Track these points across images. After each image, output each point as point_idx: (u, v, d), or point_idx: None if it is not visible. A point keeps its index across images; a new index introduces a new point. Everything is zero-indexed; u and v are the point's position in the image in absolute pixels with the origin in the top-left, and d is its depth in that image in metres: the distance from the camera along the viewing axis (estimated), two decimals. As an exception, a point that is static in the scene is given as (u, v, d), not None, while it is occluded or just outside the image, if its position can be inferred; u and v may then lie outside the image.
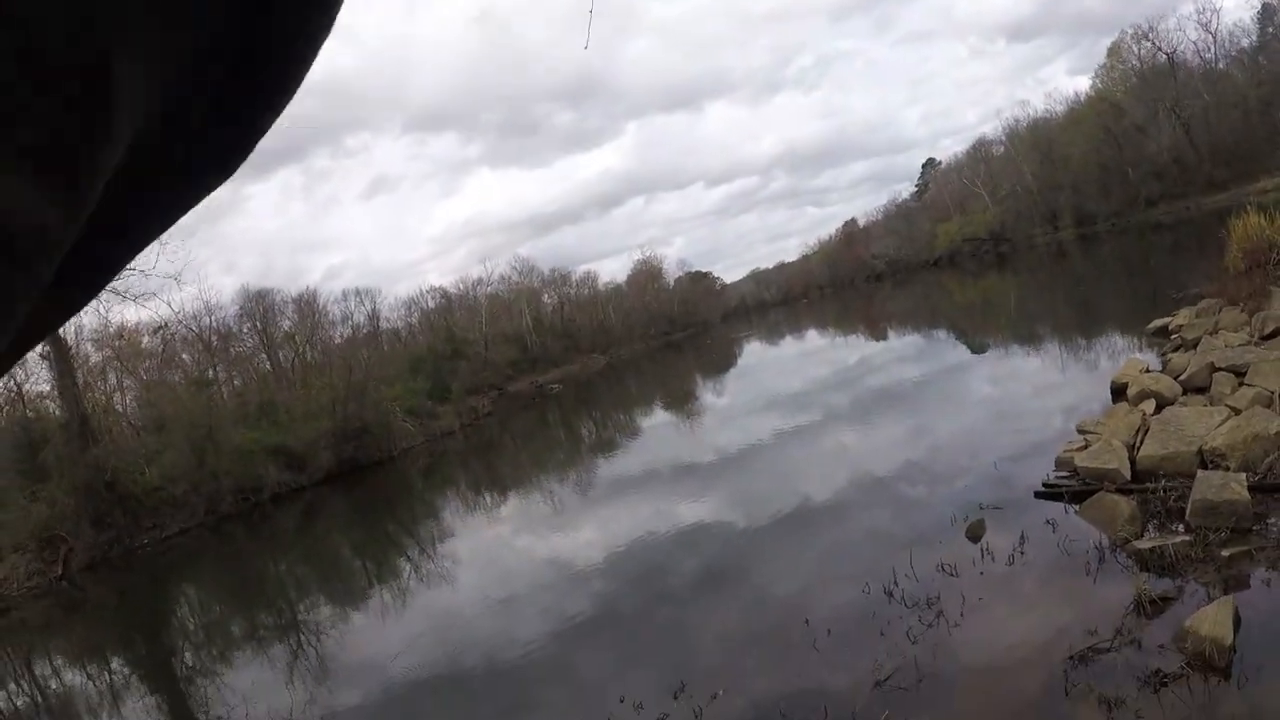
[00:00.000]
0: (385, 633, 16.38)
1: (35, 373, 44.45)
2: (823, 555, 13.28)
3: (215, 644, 20.00)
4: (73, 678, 19.30)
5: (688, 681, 9.65)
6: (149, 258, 41.57)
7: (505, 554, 19.90)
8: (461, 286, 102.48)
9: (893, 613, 10.07)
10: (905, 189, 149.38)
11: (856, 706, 8.21)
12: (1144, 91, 78.41)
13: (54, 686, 18.95)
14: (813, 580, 12.33)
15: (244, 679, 15.51)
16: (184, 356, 57.23)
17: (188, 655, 19.74)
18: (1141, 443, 12.48)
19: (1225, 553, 8.89)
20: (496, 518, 26.68)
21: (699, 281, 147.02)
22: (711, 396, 45.39)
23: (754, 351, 70.47)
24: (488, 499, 31.40)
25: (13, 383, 44.36)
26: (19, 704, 18.18)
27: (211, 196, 0.48)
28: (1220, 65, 76.37)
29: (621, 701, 9.57)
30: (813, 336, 68.33)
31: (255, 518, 38.05)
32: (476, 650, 13.43)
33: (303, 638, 17.99)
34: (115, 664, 19.66)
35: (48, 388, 44.39)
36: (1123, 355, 21.20)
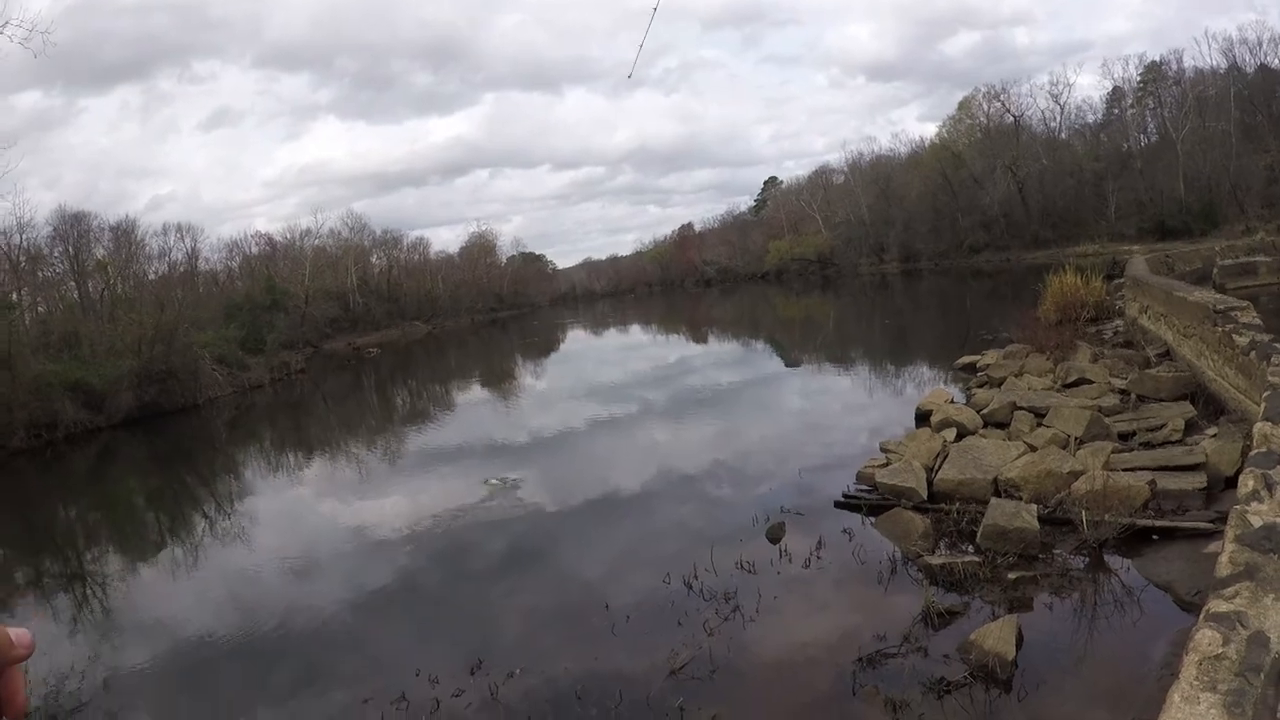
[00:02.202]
0: (177, 590, 15.74)
1: None
2: (626, 544, 13.54)
3: (-12, 594, 18.91)
4: None
5: (485, 659, 9.65)
6: (-39, 164, 38.82)
7: (306, 518, 19.43)
8: (289, 236, 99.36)
9: (691, 605, 10.33)
10: (745, 202, 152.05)
11: (651, 692, 8.40)
12: (986, 147, 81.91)
13: None
14: (615, 567, 12.55)
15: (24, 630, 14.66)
16: None
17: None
18: (940, 466, 13.16)
19: (1012, 575, 9.49)
20: (300, 479, 26.05)
21: (532, 263, 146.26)
22: (531, 379, 45.34)
23: (578, 339, 70.69)
24: (292, 459, 30.60)
25: None
26: None
27: (43, 105, 0.52)
28: (1062, 135, 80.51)
29: (417, 674, 9.51)
30: (637, 331, 69.02)
31: (48, 456, 35.98)
32: (271, 615, 13.05)
33: (89, 590, 17.12)
34: None
35: None
36: (930, 385, 22.28)
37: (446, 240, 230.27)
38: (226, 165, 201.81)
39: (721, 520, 13.59)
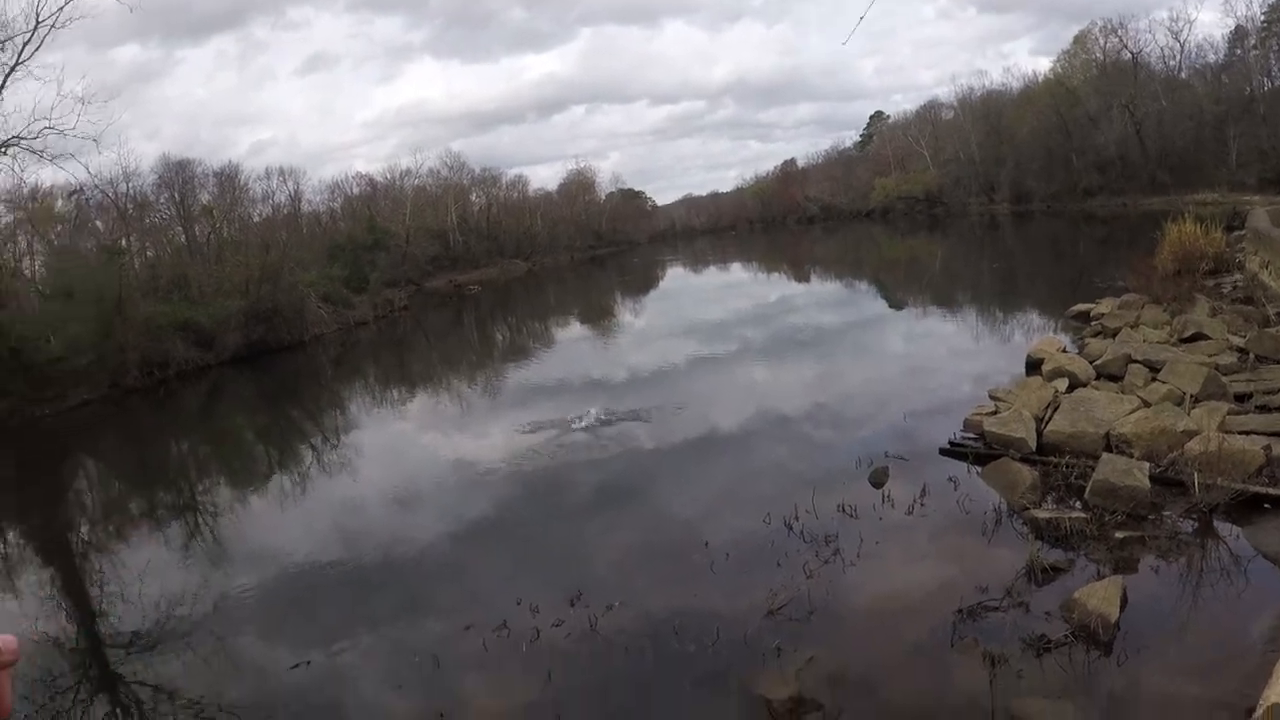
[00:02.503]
0: (284, 520, 16.26)
1: None
2: (726, 483, 13.47)
3: (112, 519, 19.57)
4: None
5: (584, 591, 9.76)
6: (69, 117, 39.94)
7: (408, 451, 19.77)
8: (389, 176, 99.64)
9: (791, 546, 10.31)
10: (849, 137, 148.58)
11: (748, 632, 8.42)
12: (1102, 84, 78.14)
13: None
14: (714, 506, 12.52)
15: (140, 557, 15.13)
16: (98, 224, 54.88)
17: (84, 529, 19.30)
18: (1050, 417, 12.80)
19: (1119, 535, 9.22)
20: (402, 414, 26.55)
21: (631, 200, 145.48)
22: (630, 316, 45.41)
23: (677, 276, 70.54)
24: (395, 394, 31.20)
25: None
26: None
27: (141, 58, 0.51)
28: (1182, 75, 76.75)
29: (518, 604, 9.67)
30: (737, 269, 68.65)
31: (160, 393, 37.23)
32: (374, 544, 13.40)
33: (201, 519, 17.71)
34: (9, 535, 19.09)
35: None
36: (1040, 333, 21.68)
37: (545, 178, 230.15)
38: (324, 109, 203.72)
39: (823, 462, 13.52)
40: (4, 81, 38.82)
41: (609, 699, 7.98)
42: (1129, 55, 78.38)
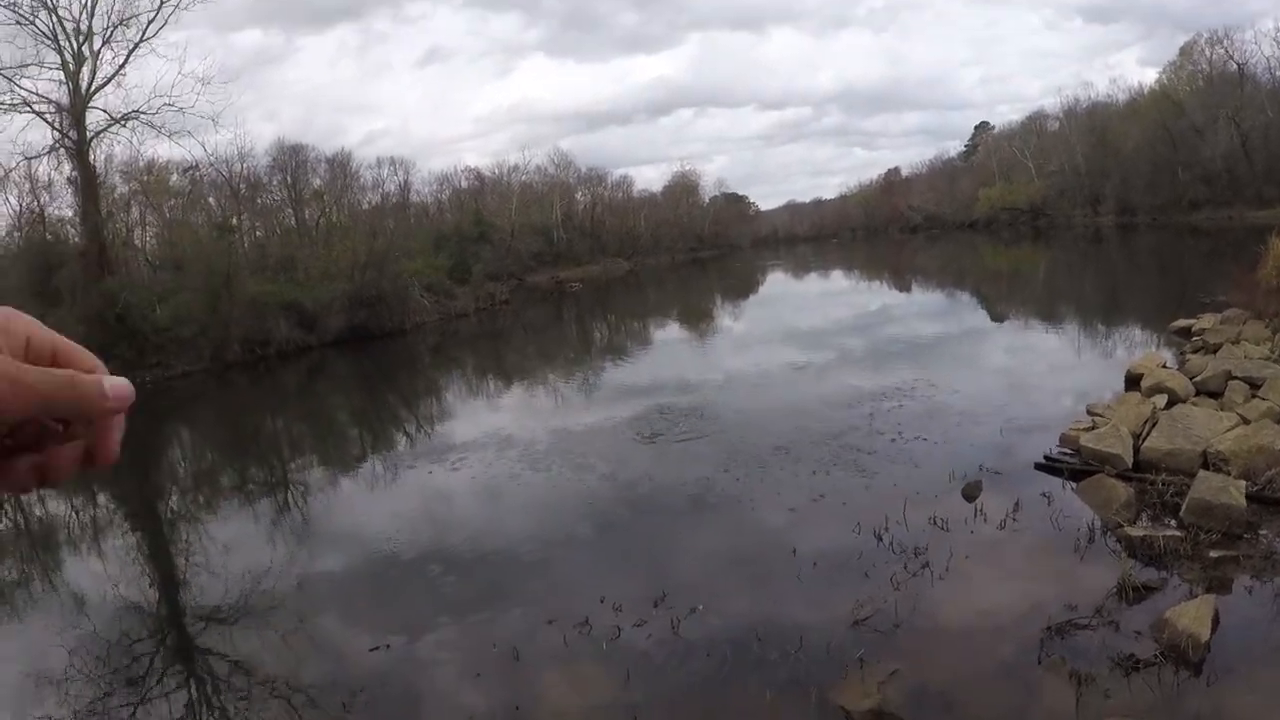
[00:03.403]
0: (373, 502, 16.58)
1: (60, 196, 44.18)
2: (816, 490, 13.34)
3: (203, 491, 20.16)
4: (57, 507, 19.07)
5: (668, 593, 9.75)
6: (188, 95, 41.26)
7: (501, 442, 19.93)
8: (496, 171, 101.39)
9: (879, 557, 10.21)
10: (954, 147, 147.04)
11: (832, 641, 8.36)
12: (1209, 96, 76.39)
13: (37, 513, 18.79)
14: (803, 513, 12.44)
15: (227, 530, 15.62)
16: (210, 200, 56.64)
17: (174, 498, 19.95)
18: (1148, 434, 12.54)
19: (1214, 554, 9.00)
20: (497, 405, 26.86)
21: (734, 204, 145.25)
22: (728, 320, 45.37)
23: (778, 282, 70.28)
24: (491, 385, 31.59)
25: (36, 203, 44.27)
26: None
27: (263, 43, 0.57)
28: (1289, 86, 74.72)
29: (601, 602, 9.72)
30: (838, 276, 68.12)
31: (260, 370, 38.24)
32: (461, 533, 13.59)
33: (290, 497, 18.11)
34: (101, 499, 19.60)
35: (70, 213, 44.15)
36: (1141, 348, 21.22)
37: (650, 179, 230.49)
38: (437, 102, 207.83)
39: (916, 474, 13.30)
40: (128, 57, 40.35)
41: (687, 703, 7.97)
42: (1235, 66, 76.39)
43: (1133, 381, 16.37)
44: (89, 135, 40.16)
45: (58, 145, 40.35)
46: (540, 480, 15.72)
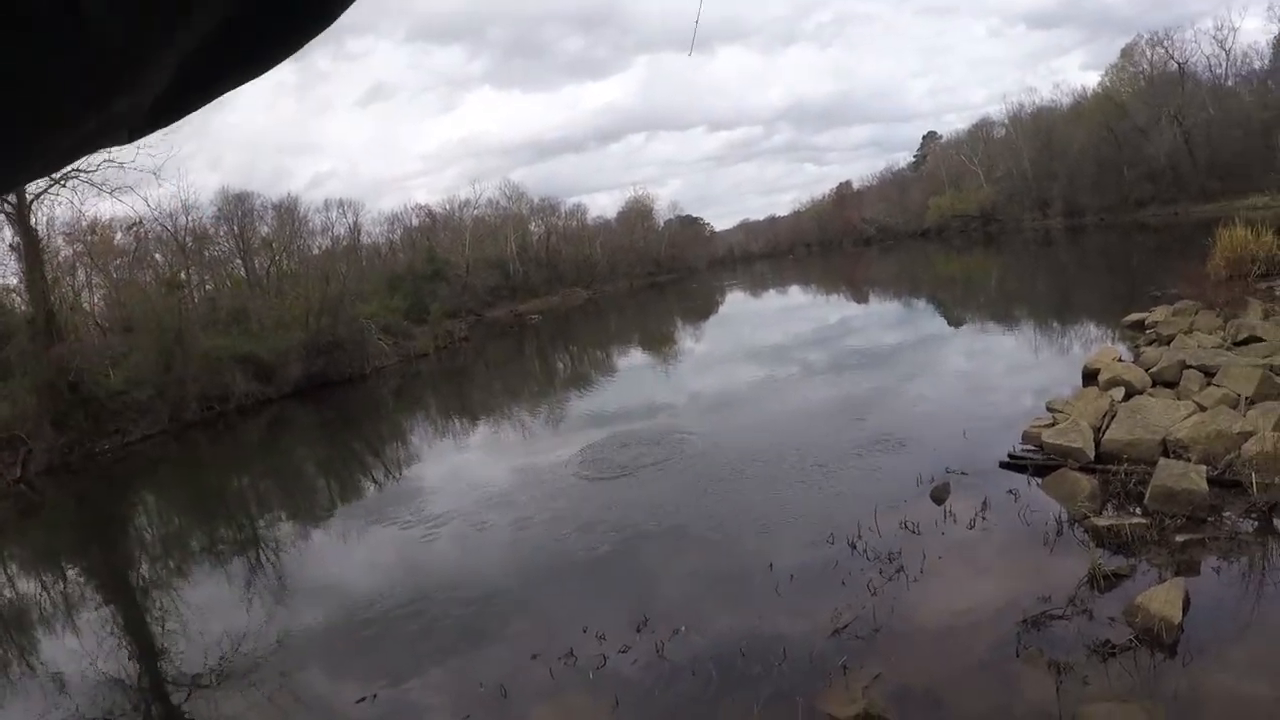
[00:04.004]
0: (347, 554, 16.48)
1: (3, 263, 43.38)
2: (790, 504, 13.50)
3: (173, 556, 19.77)
4: (26, 585, 19.01)
5: (650, 617, 9.85)
6: (128, 150, 40.67)
7: (470, 482, 19.89)
8: (448, 207, 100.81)
9: (855, 565, 10.37)
10: (903, 158, 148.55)
11: (814, 652, 8.48)
12: (1151, 96, 77.66)
13: (5, 594, 18.57)
14: (778, 528, 12.55)
15: (201, 594, 15.39)
16: (157, 256, 55.26)
17: (144, 566, 19.56)
18: (1108, 426, 12.80)
19: (1179, 538, 9.22)
20: (465, 445, 26.76)
21: (689, 226, 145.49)
22: (690, 342, 45.50)
23: (737, 301, 70.56)
24: (457, 425, 31.45)
25: None
26: None
27: None
28: (1229, 83, 76.03)
29: (584, 632, 9.78)
30: (796, 292, 68.55)
31: (220, 427, 37.69)
32: (438, 577, 13.59)
33: (263, 554, 17.90)
34: (70, 572, 19.23)
35: (15, 280, 43.07)
36: (1097, 344, 21.58)
37: (604, 205, 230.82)
38: (384, 140, 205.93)
39: (885, 480, 13.47)
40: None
41: (675, 723, 8.07)
42: (1175, 66, 78.07)
43: (1090, 376, 16.70)
44: (28, 198, 39.50)
45: (-4, 211, 39.73)
46: (512, 518, 15.66)
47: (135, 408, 35.85)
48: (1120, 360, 17.19)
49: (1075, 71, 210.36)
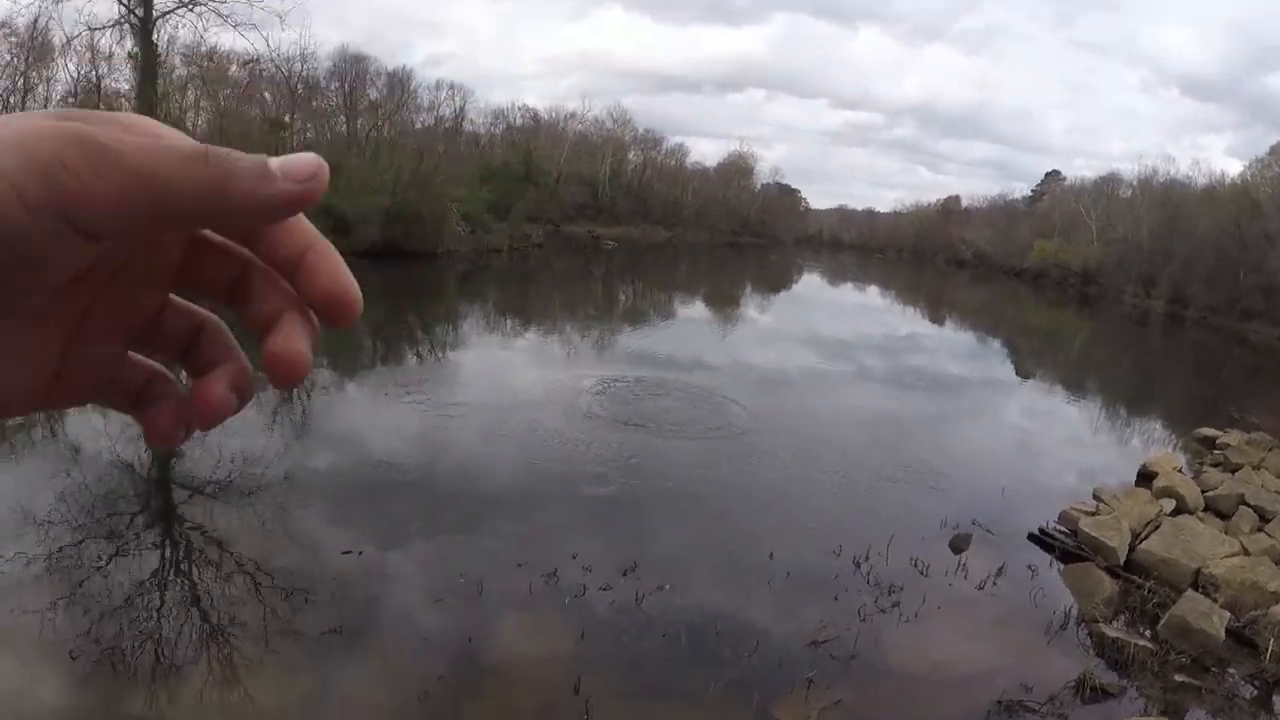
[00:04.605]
0: (372, 415, 16.69)
1: (119, 70, 44.07)
2: (808, 503, 13.37)
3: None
4: None
5: (640, 565, 9.87)
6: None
7: (505, 382, 20.02)
8: (553, 115, 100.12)
9: (853, 584, 10.22)
10: (1020, 189, 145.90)
11: (786, 655, 8.42)
12: (1289, 204, 75.33)
13: None
14: (790, 521, 12.45)
15: None
16: (266, 95, 55.56)
17: (181, 369, 19.97)
18: (1147, 536, 12.47)
19: (1179, 677, 8.88)
20: (509, 345, 27.01)
21: (785, 195, 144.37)
22: (755, 311, 45.26)
23: (812, 284, 70.09)
24: (508, 324, 31.73)
25: (94, 74, 44.08)
26: None
27: None
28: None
29: (573, 558, 9.87)
30: (874, 293, 67.82)
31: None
32: (451, 460, 13.84)
33: (295, 392, 18.16)
34: None
35: (127, 87, 43.97)
36: (1160, 445, 20.99)
37: (705, 152, 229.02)
38: (507, 36, 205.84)
39: (910, 511, 13.22)
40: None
41: (633, 677, 8.06)
42: (1323, 180, 74.93)
43: (1145, 477, 16.21)
44: (155, 14, 40.14)
45: (123, 20, 40.27)
46: (533, 428, 15.68)
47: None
48: (1180, 471, 16.72)
49: (1219, 154, 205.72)
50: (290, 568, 9.32)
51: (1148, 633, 9.93)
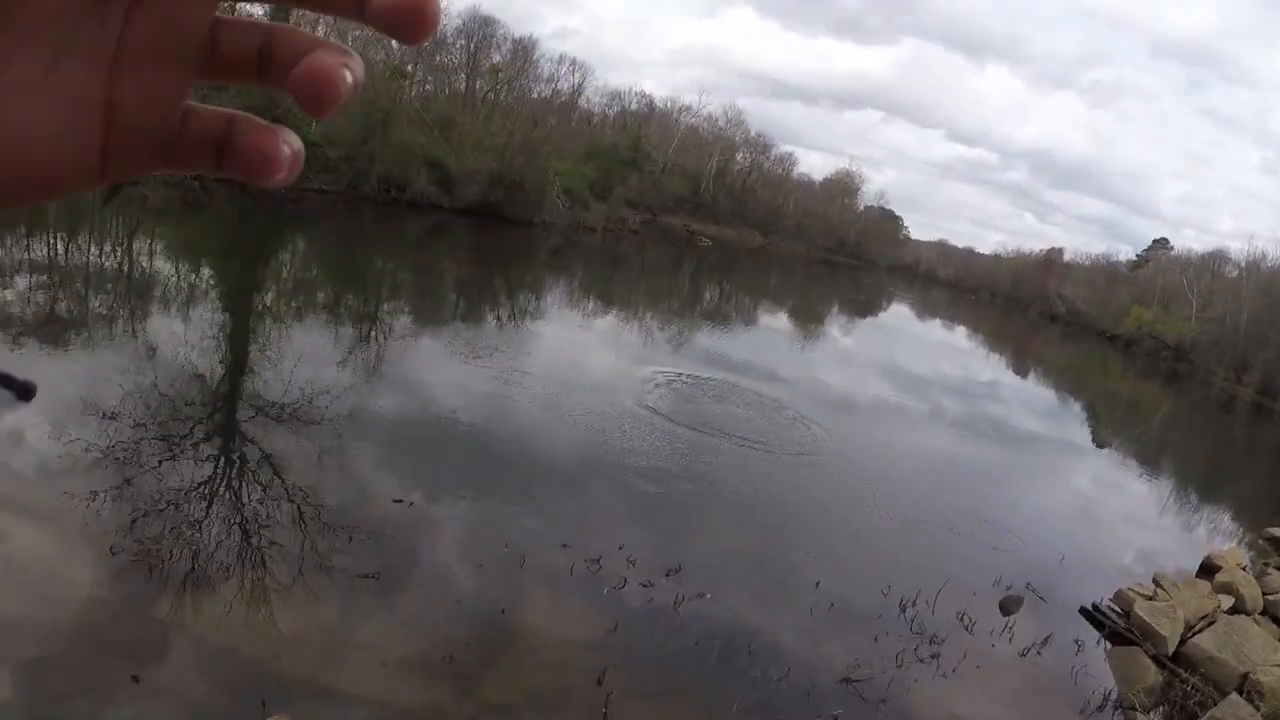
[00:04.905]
0: (443, 369, 16.83)
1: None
2: (863, 536, 13.28)
3: (297, 298, 20.73)
4: (162, 266, 20.02)
5: (685, 569, 9.82)
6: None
7: (577, 361, 20.14)
8: (668, 105, 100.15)
9: (895, 627, 10.04)
10: (1125, 252, 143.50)
11: (816, 687, 8.29)
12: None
13: (144, 266, 19.58)
14: (842, 552, 12.39)
15: (304, 340, 16.19)
16: (393, 43, 56.50)
17: (269, 296, 20.50)
18: (1200, 630, 12.10)
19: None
20: (588, 324, 27.16)
21: (887, 221, 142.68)
22: (839, 332, 44.82)
23: (900, 315, 69.23)
24: (590, 303, 31.89)
25: None
26: (105, 264, 18.88)
27: None
28: None
29: (620, 549, 9.87)
30: (960, 334, 66.74)
31: (389, 212, 39.05)
32: (514, 429, 13.86)
33: (372, 333, 18.51)
34: (204, 272, 20.32)
35: (259, 11, 44.92)
36: (1227, 539, 20.36)
37: (813, 165, 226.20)
38: (636, 21, 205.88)
39: (965, 563, 13.03)
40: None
41: (657, 679, 8.01)
42: None
43: (1207, 570, 15.70)
44: None
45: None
46: (598, 412, 15.73)
47: (323, 162, 37.16)
48: (1244, 569, 16.17)
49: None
50: (337, 504, 9.42)
51: (1183, 731, 9.65)
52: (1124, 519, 20.02)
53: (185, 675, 6.39)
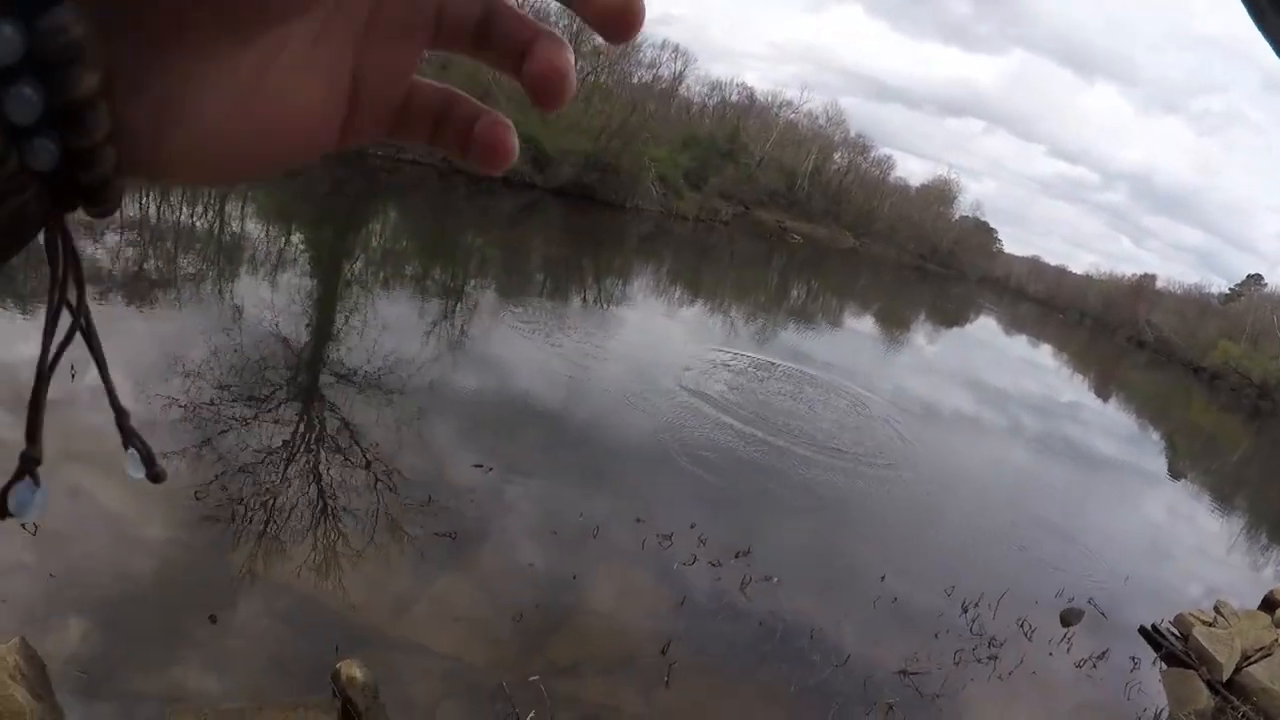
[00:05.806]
0: (527, 345, 17.11)
1: None
2: (932, 537, 13.47)
3: (386, 268, 21.17)
4: (253, 229, 20.42)
5: (754, 552, 10.10)
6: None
7: (661, 347, 20.31)
8: (769, 99, 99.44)
9: (956, 627, 10.26)
10: (1218, 284, 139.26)
11: (873, 677, 8.55)
12: None
13: (235, 229, 19.92)
14: (910, 551, 12.55)
15: (391, 311, 16.56)
16: None
17: (359, 264, 20.99)
18: (1256, 660, 12.09)
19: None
20: (673, 313, 27.33)
21: (981, 232, 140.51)
22: (924, 340, 44.47)
23: (987, 328, 68.37)
24: (677, 292, 31.99)
25: None
26: (196, 225, 19.26)
27: None
28: None
29: (691, 528, 10.17)
30: (1045, 352, 65.76)
31: (482, 188, 39.33)
32: (595, 407, 14.26)
33: (459, 307, 18.81)
34: (294, 238, 20.81)
35: None
36: (1293, 579, 20.14)
37: (911, 170, 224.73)
38: (740, 13, 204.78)
39: (1030, 571, 13.19)
40: None
41: (719, 655, 8.30)
42: None
43: (1269, 604, 15.62)
44: None
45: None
46: (682, 398, 15.98)
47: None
48: (1307, 607, 16.09)
49: None
50: (416, 468, 9.73)
51: (1231, 758, 9.75)
52: (1192, 550, 19.85)
53: (261, 619, 6.77)
